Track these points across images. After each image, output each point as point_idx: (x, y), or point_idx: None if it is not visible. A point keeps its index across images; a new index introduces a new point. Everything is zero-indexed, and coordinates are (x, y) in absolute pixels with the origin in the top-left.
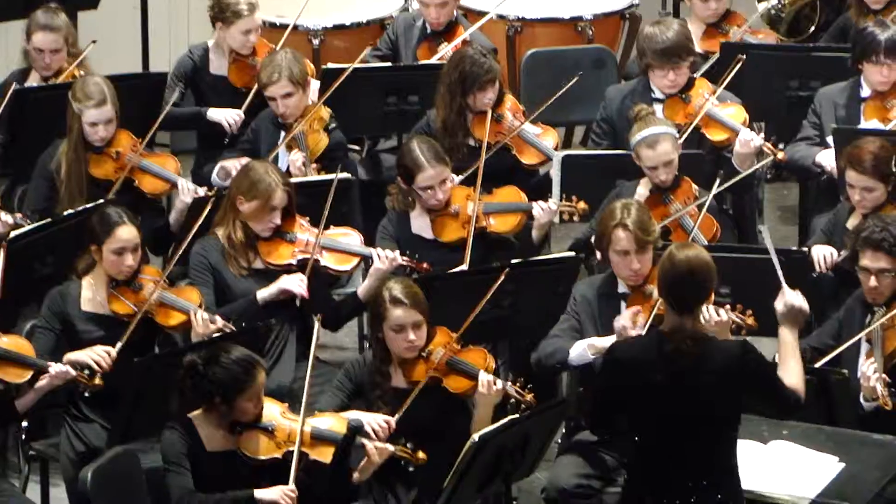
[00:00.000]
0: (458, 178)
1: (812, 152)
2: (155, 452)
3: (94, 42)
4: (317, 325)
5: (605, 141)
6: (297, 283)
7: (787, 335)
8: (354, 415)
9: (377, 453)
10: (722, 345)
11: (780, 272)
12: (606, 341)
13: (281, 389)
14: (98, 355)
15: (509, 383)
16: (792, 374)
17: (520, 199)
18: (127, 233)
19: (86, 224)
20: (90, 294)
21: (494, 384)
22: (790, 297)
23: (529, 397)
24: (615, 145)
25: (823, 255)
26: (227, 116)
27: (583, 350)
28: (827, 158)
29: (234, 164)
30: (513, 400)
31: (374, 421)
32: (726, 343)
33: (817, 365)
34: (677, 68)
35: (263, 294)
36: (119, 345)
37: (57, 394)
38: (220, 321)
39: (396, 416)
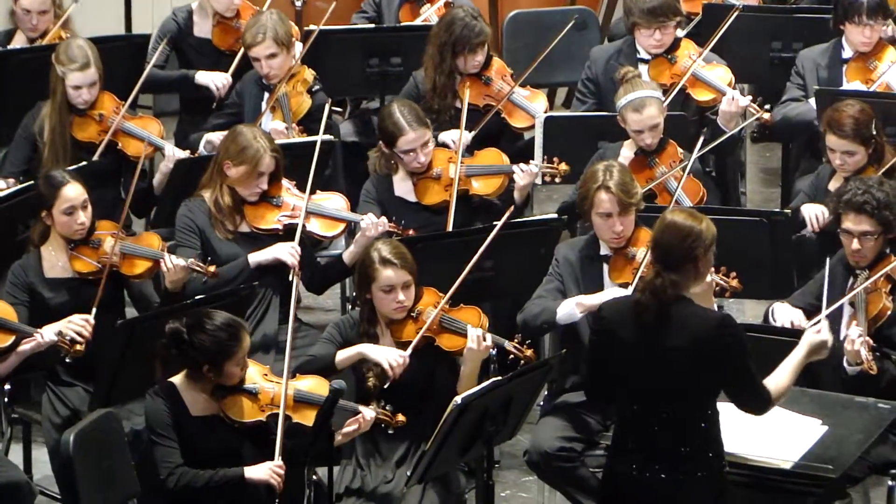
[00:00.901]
0: (469, 134)
1: (811, 107)
2: (136, 415)
3: (75, 2)
4: (296, 281)
5: (590, 100)
6: (289, 254)
7: (799, 356)
8: (369, 349)
9: (368, 421)
10: (701, 312)
11: (824, 306)
12: (595, 298)
13: (266, 340)
14: (78, 325)
15: (507, 341)
16: (779, 380)
17: (501, 161)
18: (73, 190)
19: (33, 194)
20: (51, 261)
21: (484, 339)
22: (826, 335)
23: (529, 353)
24: (599, 105)
25: (815, 214)
26: (215, 80)
27: (571, 308)
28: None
29: (220, 138)
30: (511, 357)
31: (390, 357)
32: (707, 312)
33: (806, 326)
34: (664, 28)
35: (258, 258)
36: (94, 310)
37: (44, 357)
38: (186, 261)
39: (408, 351)
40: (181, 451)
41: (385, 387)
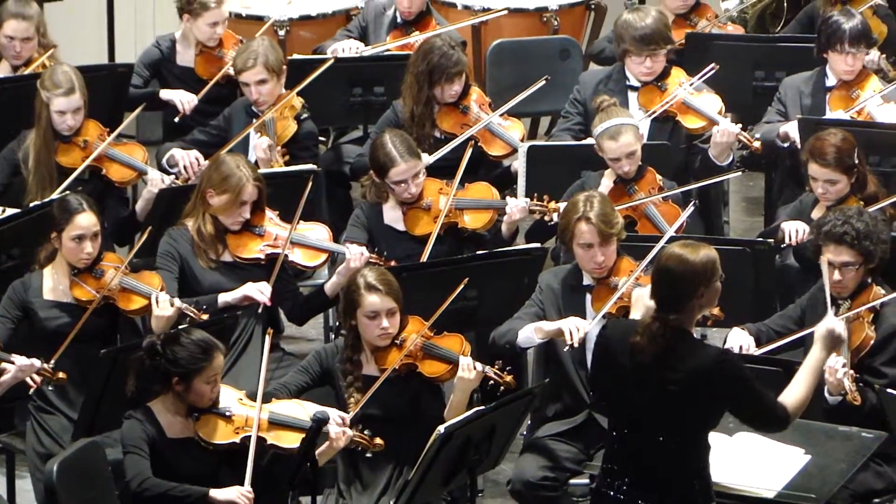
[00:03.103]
0: (430, 158)
1: (776, 127)
2: (120, 444)
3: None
4: (267, 339)
5: (574, 118)
6: (259, 292)
7: (817, 356)
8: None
9: (341, 439)
10: (700, 348)
11: (828, 298)
12: (553, 325)
13: (251, 385)
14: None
15: (488, 367)
16: (796, 391)
17: (492, 195)
18: (86, 220)
19: (47, 213)
20: (52, 283)
21: (474, 367)
22: (833, 323)
23: (509, 379)
24: (586, 128)
25: (795, 229)
26: (180, 97)
27: (531, 332)
28: (792, 128)
29: (182, 155)
30: (492, 382)
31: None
32: (705, 348)
33: (775, 346)
34: (654, 56)
35: (226, 298)
36: (77, 328)
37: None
38: (178, 303)
39: (352, 413)
40: (156, 472)
41: (368, 412)
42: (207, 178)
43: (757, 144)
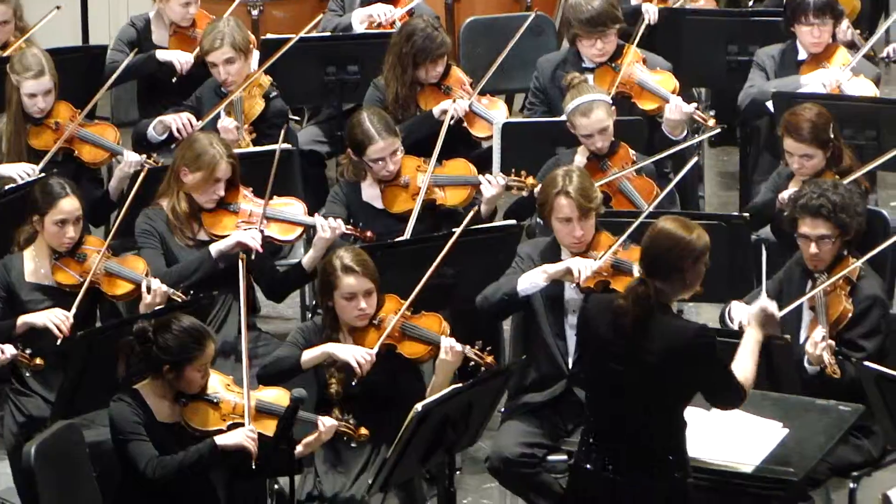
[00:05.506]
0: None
1: (757, 90)
2: (98, 426)
3: (58, 8)
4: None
5: (539, 108)
6: (252, 237)
7: (753, 335)
8: (336, 347)
9: (327, 430)
10: (679, 322)
11: (763, 279)
12: (560, 266)
13: (226, 347)
14: (58, 318)
15: (468, 347)
16: (744, 369)
17: (469, 172)
18: (69, 204)
19: (28, 195)
20: (33, 265)
21: (456, 348)
22: (766, 303)
23: (489, 359)
24: (549, 115)
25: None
26: (177, 57)
27: (535, 277)
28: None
29: (172, 119)
30: (472, 363)
31: (357, 354)
32: (684, 323)
33: None
34: (604, 37)
35: (219, 246)
36: (73, 310)
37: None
38: (166, 288)
39: (375, 348)
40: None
41: (348, 392)
42: (181, 157)
43: (711, 122)
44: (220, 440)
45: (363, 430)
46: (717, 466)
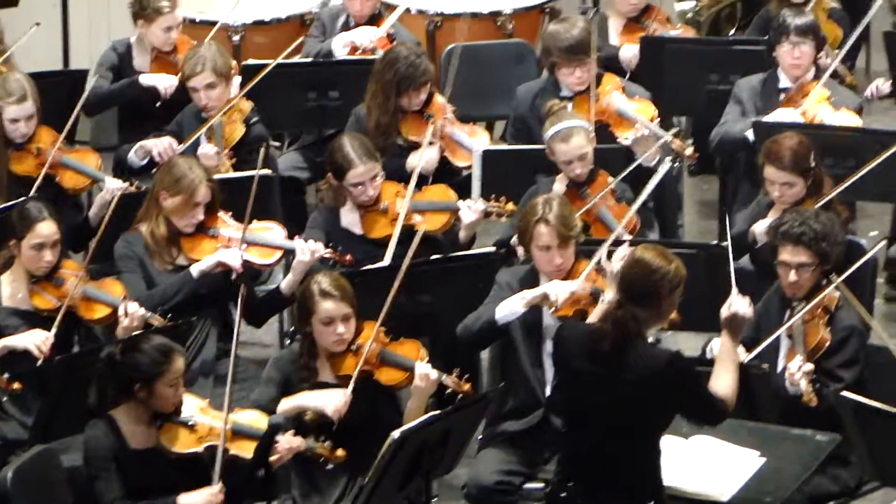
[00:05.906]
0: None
1: (734, 126)
2: (75, 451)
3: (37, 24)
4: (238, 316)
5: (521, 139)
6: (233, 256)
7: (727, 342)
8: (309, 398)
9: (287, 450)
10: (652, 351)
11: (732, 277)
12: (537, 291)
13: (204, 367)
14: (38, 339)
15: (445, 374)
16: (723, 383)
17: (449, 197)
18: (47, 228)
19: (6, 219)
20: (10, 290)
21: (430, 375)
22: (736, 304)
23: (467, 387)
24: (529, 144)
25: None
26: (160, 81)
27: (513, 304)
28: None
29: (154, 143)
30: (449, 390)
31: (330, 403)
32: (658, 351)
33: (745, 359)
34: (583, 65)
35: (200, 266)
36: (53, 331)
37: None
38: (144, 312)
39: (349, 388)
40: (119, 483)
41: (323, 419)
42: (160, 181)
43: (689, 151)
44: (183, 499)
45: (340, 452)
46: (693, 495)
